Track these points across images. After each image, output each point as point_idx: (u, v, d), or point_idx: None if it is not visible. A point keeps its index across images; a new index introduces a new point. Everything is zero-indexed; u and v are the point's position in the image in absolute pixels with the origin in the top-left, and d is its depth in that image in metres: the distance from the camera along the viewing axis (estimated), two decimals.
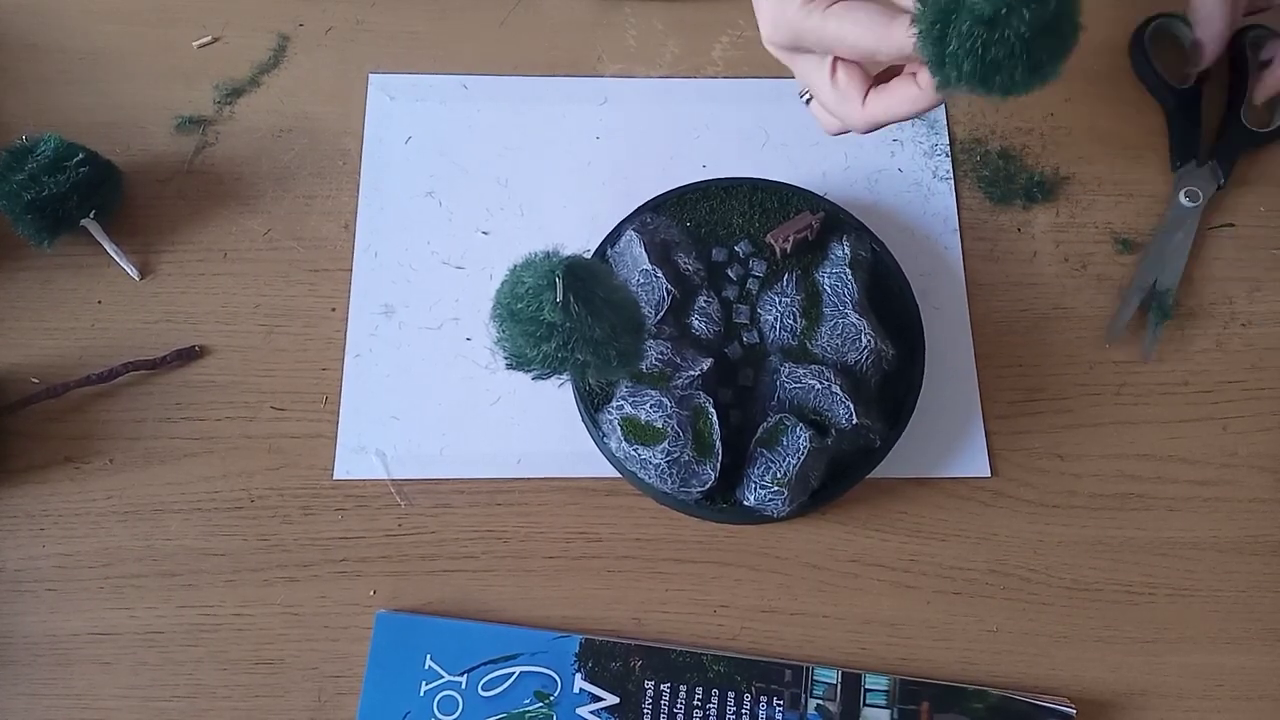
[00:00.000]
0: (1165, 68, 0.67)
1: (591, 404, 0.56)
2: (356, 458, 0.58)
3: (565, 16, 0.69)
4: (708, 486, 0.53)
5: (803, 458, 0.52)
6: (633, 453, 0.53)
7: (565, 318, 0.42)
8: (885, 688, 0.53)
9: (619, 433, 0.53)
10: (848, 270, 0.57)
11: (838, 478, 0.55)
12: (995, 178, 0.65)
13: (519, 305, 0.42)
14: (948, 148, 0.66)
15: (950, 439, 0.59)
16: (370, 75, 0.67)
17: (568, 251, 0.43)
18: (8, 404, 0.57)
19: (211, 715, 0.53)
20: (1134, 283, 0.62)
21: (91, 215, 0.60)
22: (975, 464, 0.59)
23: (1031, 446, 0.59)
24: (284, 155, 0.65)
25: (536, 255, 0.43)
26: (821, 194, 0.64)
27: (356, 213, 0.63)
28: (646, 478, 0.53)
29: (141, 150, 0.65)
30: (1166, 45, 0.69)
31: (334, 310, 0.61)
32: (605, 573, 0.56)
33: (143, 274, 0.62)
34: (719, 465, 0.52)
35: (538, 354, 0.43)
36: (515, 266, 0.43)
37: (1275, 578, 0.57)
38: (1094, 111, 0.67)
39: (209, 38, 0.68)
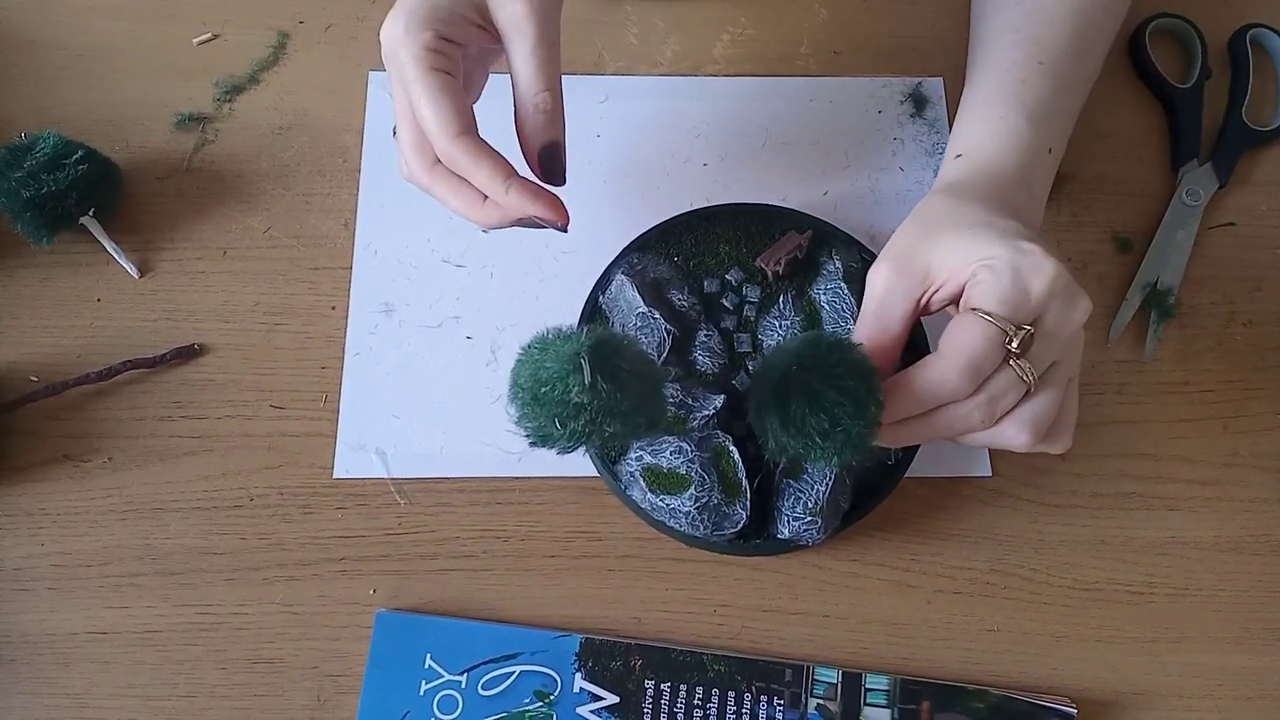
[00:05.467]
0: (1165, 67, 0.67)
1: (609, 456, 0.54)
2: (356, 456, 0.58)
3: (566, 14, 0.69)
4: (740, 526, 0.52)
5: (831, 483, 0.52)
6: (660, 503, 0.52)
7: (594, 397, 0.41)
8: (886, 687, 0.53)
9: (642, 483, 0.53)
10: (843, 285, 0.57)
11: (865, 495, 0.54)
12: None
13: (543, 390, 0.41)
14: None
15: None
16: (370, 73, 0.67)
17: (571, 317, 0.41)
18: (7, 402, 0.57)
19: (211, 714, 0.53)
20: (1135, 282, 0.62)
21: (91, 213, 0.60)
22: (976, 463, 0.59)
23: None
24: (284, 153, 0.65)
25: (551, 335, 0.42)
26: (822, 193, 0.64)
27: (356, 210, 0.63)
28: (677, 526, 0.52)
29: (141, 148, 0.64)
30: (1167, 44, 0.69)
31: (334, 308, 0.61)
32: (605, 572, 0.56)
33: (142, 272, 0.61)
34: (749, 504, 0.52)
35: (564, 432, 0.42)
36: (531, 348, 0.42)
37: (1276, 578, 0.57)
38: (1094, 111, 0.67)
39: (209, 35, 0.68)
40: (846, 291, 0.57)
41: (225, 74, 0.67)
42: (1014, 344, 0.44)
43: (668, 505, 0.52)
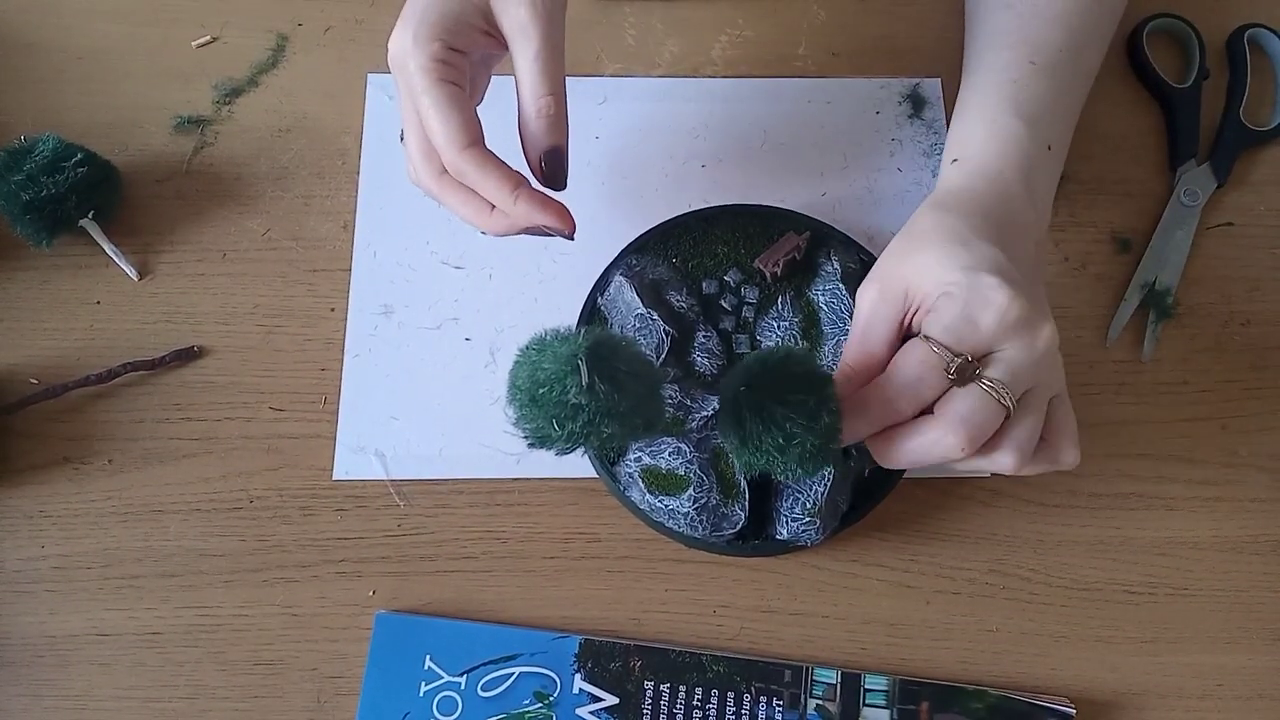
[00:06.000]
0: (1163, 67, 0.67)
1: (607, 458, 0.54)
2: (356, 458, 0.58)
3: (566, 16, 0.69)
4: (739, 527, 0.52)
5: (829, 484, 0.52)
6: (659, 504, 0.52)
7: (591, 398, 0.41)
8: (885, 688, 0.53)
9: (640, 485, 0.53)
10: (841, 285, 0.57)
11: (864, 495, 0.54)
12: None
13: (541, 391, 0.41)
14: None
15: None
16: (369, 75, 0.67)
17: (570, 319, 0.41)
18: (7, 404, 0.57)
19: (211, 716, 0.53)
20: (1133, 282, 0.62)
21: (90, 215, 0.60)
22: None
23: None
24: (283, 155, 0.65)
25: (549, 336, 0.42)
26: (820, 194, 0.64)
27: (355, 212, 0.63)
28: (676, 527, 0.52)
29: (140, 150, 0.64)
30: (1165, 44, 0.69)
31: (333, 310, 0.61)
32: (604, 573, 0.56)
33: (141, 274, 0.62)
34: (748, 505, 0.52)
35: (562, 433, 0.42)
36: (529, 349, 0.42)
37: (1275, 578, 0.57)
38: (1093, 111, 0.67)
39: (208, 37, 0.68)
40: (844, 292, 0.57)
41: (224, 77, 0.67)
42: (951, 370, 0.44)
43: (666, 506, 0.52)
